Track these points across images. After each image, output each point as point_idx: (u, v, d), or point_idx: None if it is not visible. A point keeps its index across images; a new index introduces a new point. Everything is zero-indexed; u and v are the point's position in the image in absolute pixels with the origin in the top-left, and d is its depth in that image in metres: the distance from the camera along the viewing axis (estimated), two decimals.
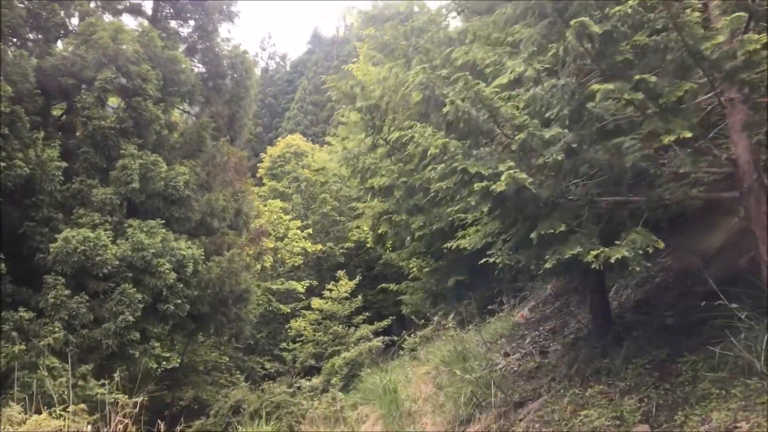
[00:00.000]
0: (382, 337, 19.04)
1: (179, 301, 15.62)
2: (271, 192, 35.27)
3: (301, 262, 28.86)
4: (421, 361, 12.11)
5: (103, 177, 15.92)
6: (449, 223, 7.74)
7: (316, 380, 17.73)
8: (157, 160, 16.30)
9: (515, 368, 10.04)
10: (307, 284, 28.03)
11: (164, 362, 22.46)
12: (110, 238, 14.79)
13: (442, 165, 5.49)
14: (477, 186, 5.12)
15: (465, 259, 9.30)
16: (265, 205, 29.28)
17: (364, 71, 17.73)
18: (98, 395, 12.41)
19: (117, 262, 14.61)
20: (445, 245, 7.95)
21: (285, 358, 25.31)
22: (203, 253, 17.00)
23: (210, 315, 18.38)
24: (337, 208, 35.49)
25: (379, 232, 8.03)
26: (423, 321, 13.66)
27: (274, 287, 26.80)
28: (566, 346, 9.78)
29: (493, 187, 4.97)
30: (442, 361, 10.23)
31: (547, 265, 5.38)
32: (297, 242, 27.97)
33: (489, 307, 11.99)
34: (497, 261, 6.37)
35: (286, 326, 26.50)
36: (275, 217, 28.08)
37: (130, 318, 14.26)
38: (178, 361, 21.93)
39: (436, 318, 17.81)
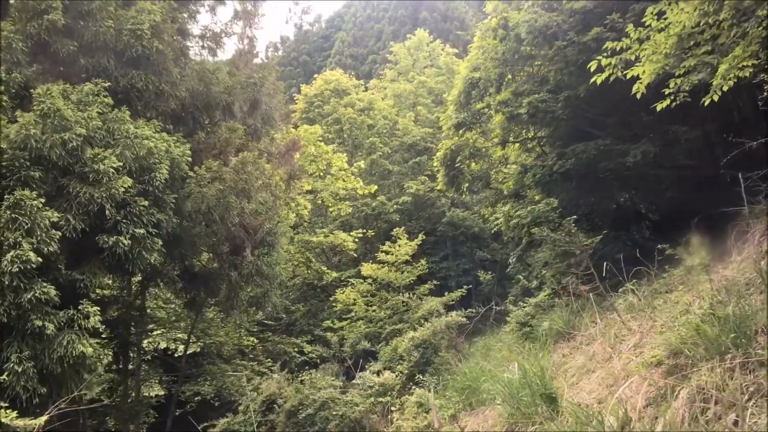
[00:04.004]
0: (458, 311, 15.00)
1: (141, 231, 8.37)
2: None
3: (349, 211, 21.41)
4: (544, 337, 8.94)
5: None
6: None
7: (387, 374, 11.35)
8: None
9: None
10: (359, 234, 20.62)
11: (181, 346, 16.51)
12: None
13: None
14: None
15: None
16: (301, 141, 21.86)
17: None
18: None
19: (9, 151, 7.46)
20: None
21: (329, 340, 19.67)
22: (190, 154, 9.73)
23: (215, 272, 11.39)
24: (388, 156, 28.33)
25: None
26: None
27: (315, 240, 19.47)
28: None
29: None
30: (695, 342, 4.79)
31: None
32: (343, 181, 20.43)
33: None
34: None
35: (331, 298, 20.46)
36: (313, 149, 20.54)
37: (32, 256, 7.08)
38: (198, 346, 15.76)
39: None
